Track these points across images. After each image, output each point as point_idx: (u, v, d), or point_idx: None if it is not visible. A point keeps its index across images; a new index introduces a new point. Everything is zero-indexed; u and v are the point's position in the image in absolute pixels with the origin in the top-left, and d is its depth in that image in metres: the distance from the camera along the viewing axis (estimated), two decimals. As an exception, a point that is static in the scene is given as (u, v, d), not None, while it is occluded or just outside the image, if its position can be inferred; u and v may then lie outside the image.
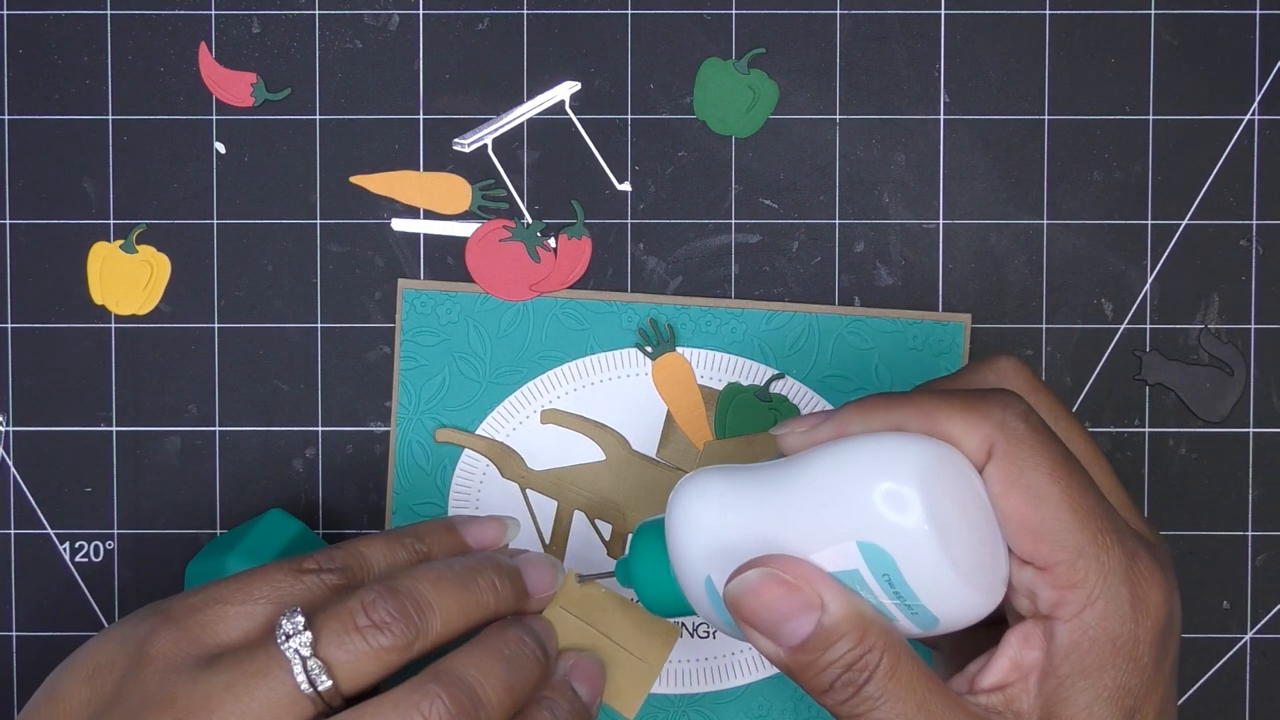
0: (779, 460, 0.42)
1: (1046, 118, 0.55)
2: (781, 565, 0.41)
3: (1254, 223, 0.55)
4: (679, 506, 0.43)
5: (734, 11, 0.55)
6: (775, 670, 0.55)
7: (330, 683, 0.42)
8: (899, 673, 0.40)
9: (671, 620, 0.48)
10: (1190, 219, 0.55)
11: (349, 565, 0.46)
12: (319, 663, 0.42)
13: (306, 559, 0.45)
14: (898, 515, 0.39)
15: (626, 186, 0.55)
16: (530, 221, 0.55)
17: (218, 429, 0.55)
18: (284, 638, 0.43)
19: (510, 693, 0.44)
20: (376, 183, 0.55)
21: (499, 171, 0.55)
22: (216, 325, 0.55)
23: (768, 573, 0.41)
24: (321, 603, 0.44)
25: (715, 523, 0.42)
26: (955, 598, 0.40)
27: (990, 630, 0.42)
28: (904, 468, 0.39)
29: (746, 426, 0.55)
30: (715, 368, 0.55)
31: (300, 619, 0.43)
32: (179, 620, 0.44)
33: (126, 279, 0.55)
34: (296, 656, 0.42)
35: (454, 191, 0.55)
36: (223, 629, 0.44)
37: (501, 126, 0.55)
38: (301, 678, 0.42)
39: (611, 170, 0.55)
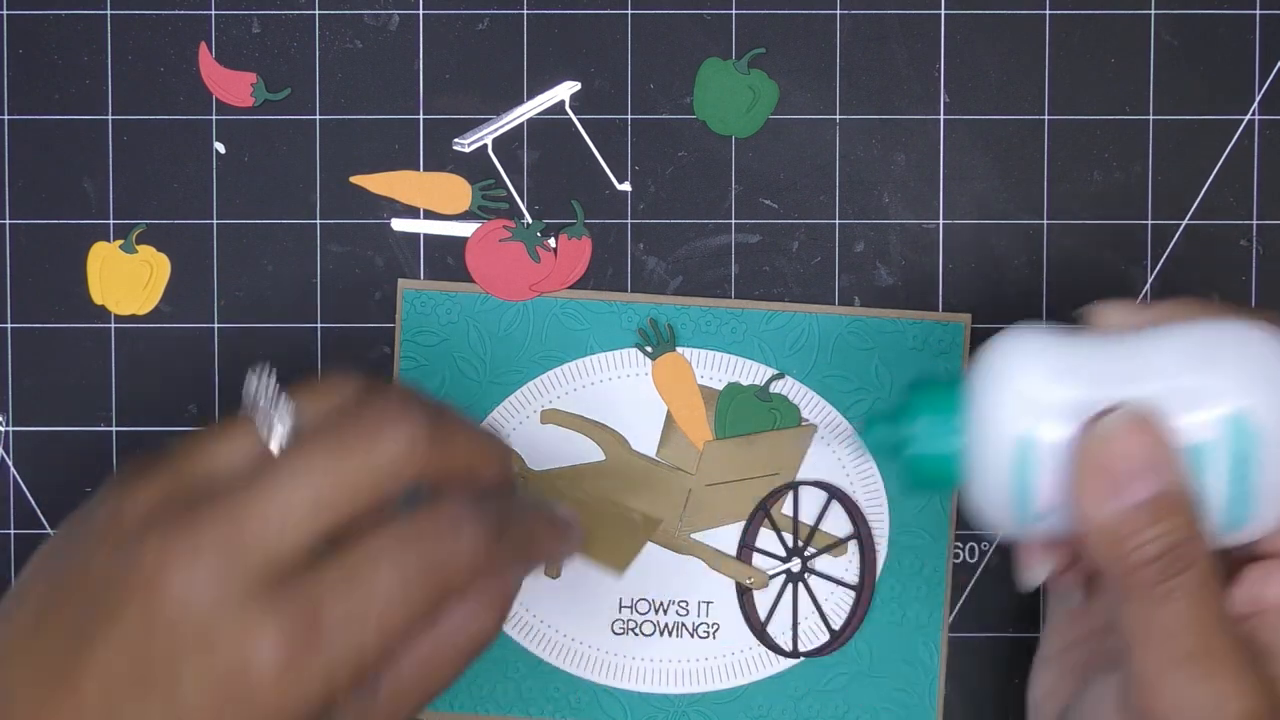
0: (1113, 333, 0.42)
1: (1046, 118, 0.55)
2: (1150, 418, 0.40)
3: (1254, 223, 0.55)
4: (1005, 356, 0.42)
5: (734, 11, 0.55)
6: (774, 670, 0.55)
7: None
8: (1207, 574, 0.40)
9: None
10: (1190, 219, 0.55)
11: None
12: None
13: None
14: None
15: (626, 186, 0.55)
16: (530, 221, 0.55)
17: (218, 429, 0.55)
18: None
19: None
20: (376, 183, 0.55)
21: (499, 171, 0.55)
22: (216, 325, 0.55)
23: (1138, 420, 0.40)
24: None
25: (1044, 378, 0.41)
26: None
27: None
28: None
29: (746, 426, 0.55)
30: (715, 368, 0.55)
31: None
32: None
33: (126, 279, 0.55)
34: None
35: (454, 191, 0.55)
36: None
37: (501, 126, 0.55)
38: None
39: (611, 170, 0.55)
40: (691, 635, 0.55)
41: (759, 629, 0.55)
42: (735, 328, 0.55)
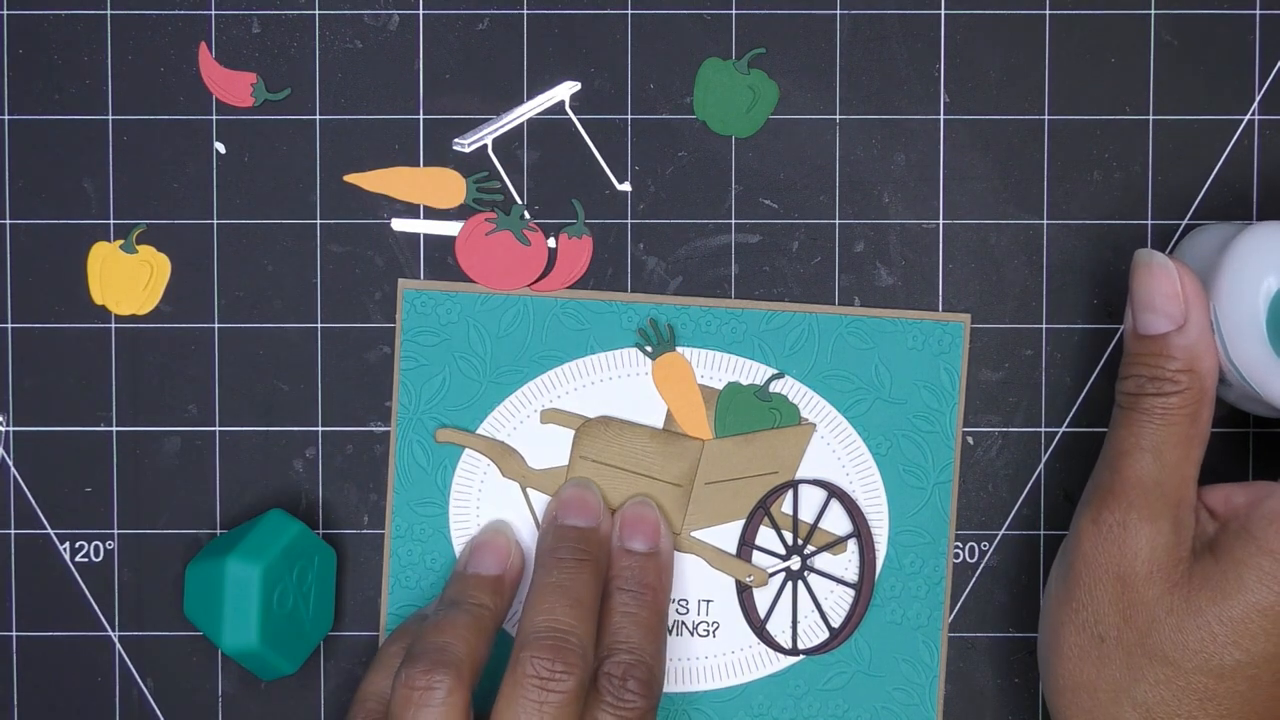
0: None
1: (1046, 118, 0.55)
2: None
3: (1254, 223, 0.55)
4: (1252, 235, 0.49)
5: (734, 11, 0.55)
6: (774, 669, 0.55)
7: None
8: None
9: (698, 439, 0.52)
10: (1190, 219, 0.55)
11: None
12: None
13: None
14: None
15: (626, 186, 0.55)
16: (516, 203, 0.55)
17: (218, 429, 0.55)
18: None
19: (579, 606, 0.49)
20: (371, 180, 0.55)
21: (499, 172, 0.55)
22: (216, 325, 0.55)
23: None
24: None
25: None
26: None
27: None
28: None
29: (746, 426, 0.55)
30: (715, 367, 0.55)
31: None
32: None
33: (126, 279, 0.55)
34: None
35: (448, 185, 0.55)
36: None
37: (501, 126, 0.55)
38: None
39: (611, 170, 0.55)
40: (691, 633, 0.55)
41: (759, 627, 0.55)
42: (735, 327, 0.55)
